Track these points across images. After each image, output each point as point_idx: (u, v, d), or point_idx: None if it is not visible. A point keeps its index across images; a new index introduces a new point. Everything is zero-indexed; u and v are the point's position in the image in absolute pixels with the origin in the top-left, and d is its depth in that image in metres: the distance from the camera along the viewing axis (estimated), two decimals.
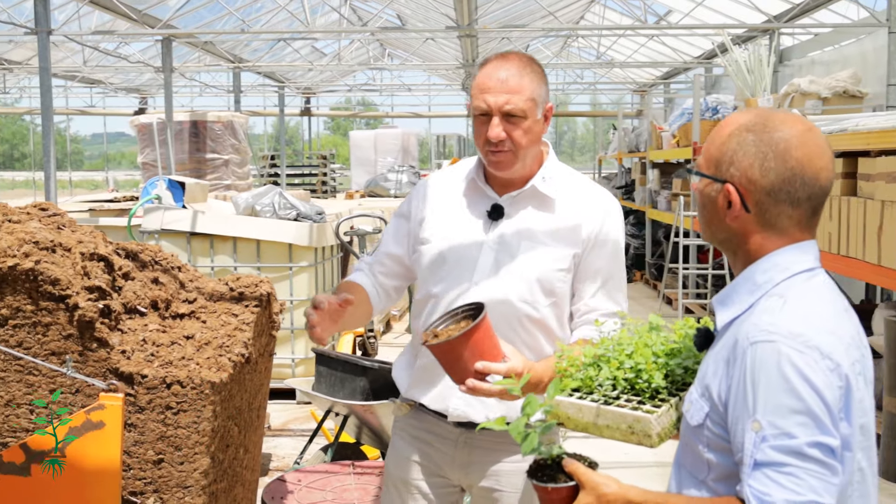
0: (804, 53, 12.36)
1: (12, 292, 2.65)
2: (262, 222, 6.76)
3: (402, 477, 2.50)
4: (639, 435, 1.57)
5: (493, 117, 2.23)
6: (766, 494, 1.37)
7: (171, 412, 2.72)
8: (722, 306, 1.58)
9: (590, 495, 1.51)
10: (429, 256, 2.39)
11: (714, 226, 1.60)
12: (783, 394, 1.39)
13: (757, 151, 1.52)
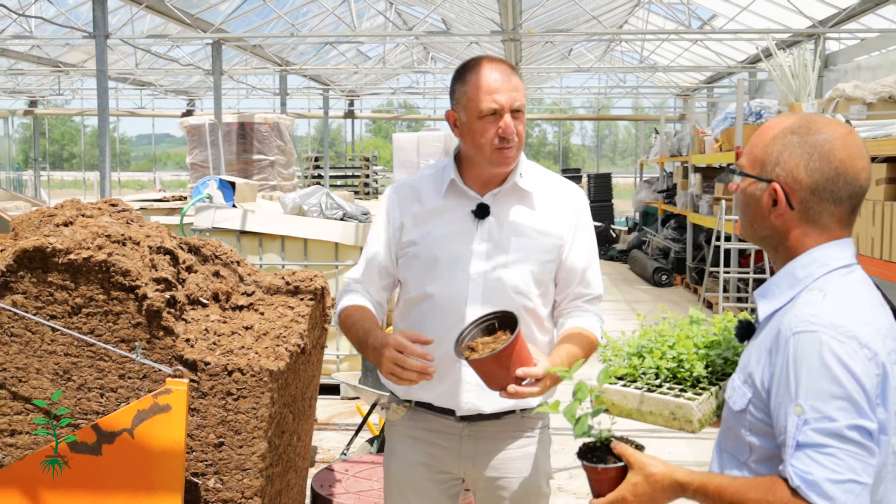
0: (850, 58, 12.28)
1: (86, 282, 2.82)
2: (309, 222, 6.93)
3: (407, 479, 2.56)
4: (680, 420, 1.67)
5: (504, 115, 2.32)
6: (808, 473, 1.47)
7: (231, 398, 2.87)
8: (763, 299, 1.68)
9: (638, 475, 1.62)
10: (421, 258, 2.47)
11: (757, 223, 1.70)
12: (824, 380, 1.49)
13: (802, 152, 1.62)
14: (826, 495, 1.45)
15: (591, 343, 2.40)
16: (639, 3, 13.97)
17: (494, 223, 2.45)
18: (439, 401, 2.49)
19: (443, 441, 2.51)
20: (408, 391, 2.53)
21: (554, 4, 12.05)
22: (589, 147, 45.70)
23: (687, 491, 1.60)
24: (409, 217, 2.51)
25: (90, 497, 2.76)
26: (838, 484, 1.45)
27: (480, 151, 2.39)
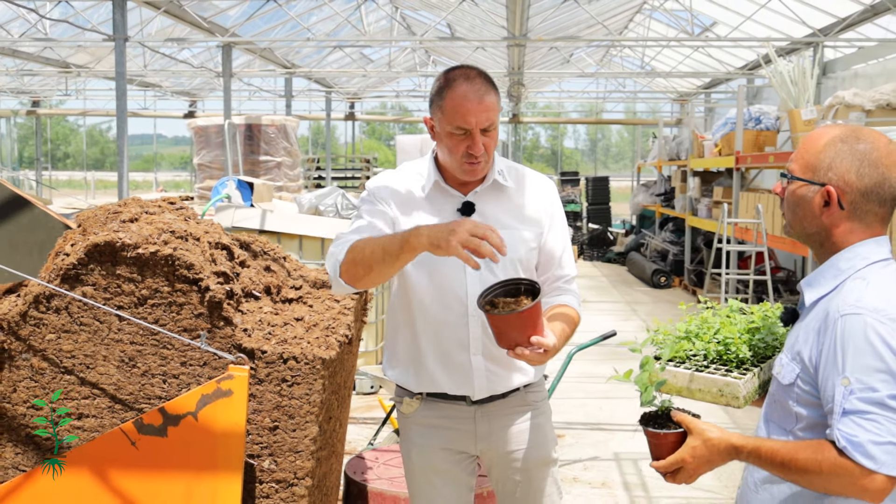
0: (848, 66, 12.53)
1: (152, 275, 3.01)
2: (326, 221, 7.12)
3: (429, 465, 2.76)
4: (727, 397, 1.89)
5: (474, 135, 2.48)
6: (854, 436, 1.68)
7: (286, 384, 3.07)
8: (809, 287, 1.90)
9: (697, 439, 1.83)
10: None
11: (807, 221, 1.91)
12: (868, 356, 1.71)
13: (853, 159, 1.84)
14: (869, 455, 1.66)
15: (575, 320, 2.62)
16: (640, 9, 14.19)
17: (479, 219, 2.62)
18: (453, 389, 2.67)
19: (458, 425, 2.72)
20: (421, 383, 2.71)
21: (558, 10, 12.27)
22: (582, 150, 45.91)
23: (741, 453, 1.81)
24: (401, 213, 2.66)
25: (156, 476, 2.95)
26: (879, 445, 1.67)
27: (451, 161, 2.57)
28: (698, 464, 1.84)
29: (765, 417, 1.95)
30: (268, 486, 3.10)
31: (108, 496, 2.96)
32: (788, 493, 1.86)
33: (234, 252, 3.28)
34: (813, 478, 1.72)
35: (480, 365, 2.63)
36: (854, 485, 1.68)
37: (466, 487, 2.80)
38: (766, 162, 9.98)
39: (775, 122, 11.29)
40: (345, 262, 2.51)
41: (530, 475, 2.76)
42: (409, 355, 2.77)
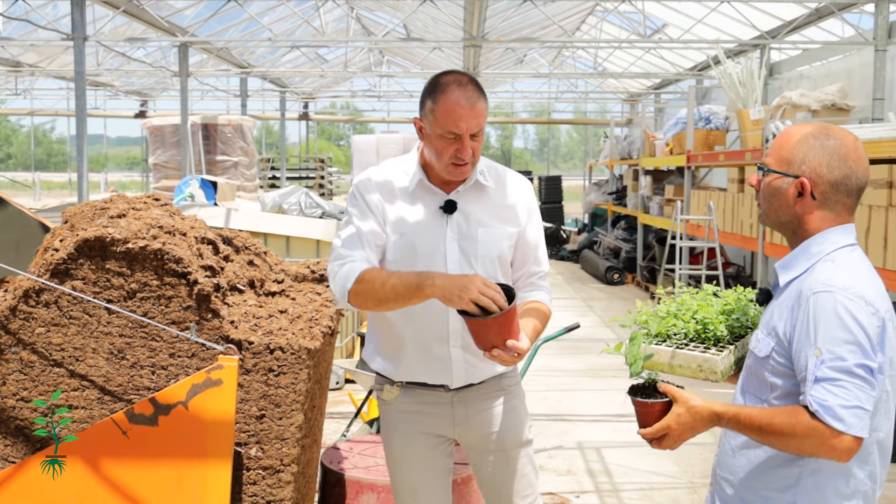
0: (793, 68, 12.93)
1: (141, 269, 3.10)
2: (291, 219, 7.21)
3: (409, 449, 2.89)
4: (706, 372, 2.06)
5: (464, 139, 2.62)
6: (825, 401, 1.86)
7: (272, 374, 3.17)
8: (784, 270, 2.08)
9: (681, 407, 2.00)
10: (401, 249, 2.76)
11: (782, 211, 2.09)
12: (838, 329, 1.88)
13: (824, 154, 2.02)
14: (838, 418, 1.84)
15: (546, 315, 2.77)
16: (592, 11, 14.45)
17: (461, 217, 2.77)
18: (432, 379, 2.81)
19: (436, 410, 2.85)
20: (402, 373, 2.84)
21: (513, 11, 12.46)
22: (532, 150, 46.29)
23: (722, 420, 1.98)
24: (388, 209, 2.78)
25: (147, 464, 3.04)
26: (848, 409, 1.85)
27: (439, 162, 2.70)
28: (682, 430, 2.01)
29: (741, 389, 2.12)
30: (255, 472, 3.20)
31: (100, 485, 3.04)
32: (764, 457, 2.03)
33: (218, 247, 3.37)
34: (788, 440, 1.89)
35: (459, 356, 2.78)
36: (824, 445, 1.85)
37: (445, 470, 2.94)
38: (717, 160, 10.27)
39: (724, 122, 11.61)
40: (353, 291, 2.63)
41: (507, 456, 2.90)
42: (390, 347, 2.89)
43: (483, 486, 2.99)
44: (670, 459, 5.66)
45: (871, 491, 2.02)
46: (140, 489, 3.05)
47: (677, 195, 12.48)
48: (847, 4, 10.20)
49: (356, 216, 2.79)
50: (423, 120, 2.72)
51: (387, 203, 2.79)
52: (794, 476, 2.00)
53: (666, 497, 5.04)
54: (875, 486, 2.03)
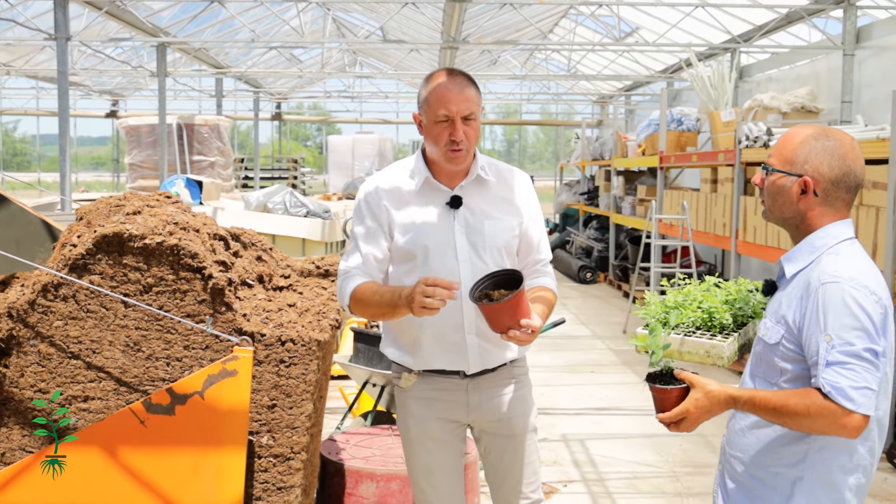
0: (762, 71, 13.22)
1: (157, 264, 3.20)
2: (278, 218, 7.31)
3: (426, 433, 3.03)
4: (713, 357, 2.22)
5: (455, 122, 2.80)
6: (836, 383, 2.02)
7: (283, 365, 3.29)
8: (789, 262, 2.24)
9: (699, 392, 2.15)
10: (414, 246, 2.91)
11: (785, 207, 2.25)
12: (846, 316, 2.05)
13: (825, 154, 2.19)
14: (849, 398, 2.01)
15: (552, 301, 2.94)
16: (566, 14, 14.65)
17: (467, 211, 2.93)
18: (450, 365, 2.96)
19: (452, 397, 3.00)
20: (420, 362, 2.99)
21: (490, 14, 12.63)
22: (499, 151, 46.55)
23: (738, 402, 2.14)
24: (393, 210, 2.94)
25: (164, 452, 3.15)
26: (857, 390, 2.02)
27: (437, 150, 2.86)
28: (700, 413, 2.16)
29: (750, 374, 2.29)
30: (266, 460, 3.32)
31: (118, 472, 3.14)
32: (773, 436, 2.20)
33: (229, 243, 3.49)
34: (802, 420, 2.06)
35: (474, 343, 2.93)
36: (836, 423, 2.02)
37: (459, 453, 3.09)
38: (689, 161, 10.50)
39: (696, 124, 11.86)
40: (350, 306, 2.90)
41: (517, 442, 3.06)
42: (408, 337, 3.02)
43: (490, 471, 3.13)
44: (652, 450, 5.85)
45: (870, 465, 2.20)
46: (157, 476, 3.15)
47: (650, 195, 12.71)
48: (816, 10, 10.49)
49: (359, 228, 2.97)
50: (420, 112, 2.89)
51: (395, 208, 2.93)
52: (801, 452, 2.16)
53: (649, 485, 5.22)
54: (873, 461, 2.20)
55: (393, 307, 2.74)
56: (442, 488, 3.04)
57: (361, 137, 16.36)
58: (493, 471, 3.12)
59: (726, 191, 9.08)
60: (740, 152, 8.39)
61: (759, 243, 7.94)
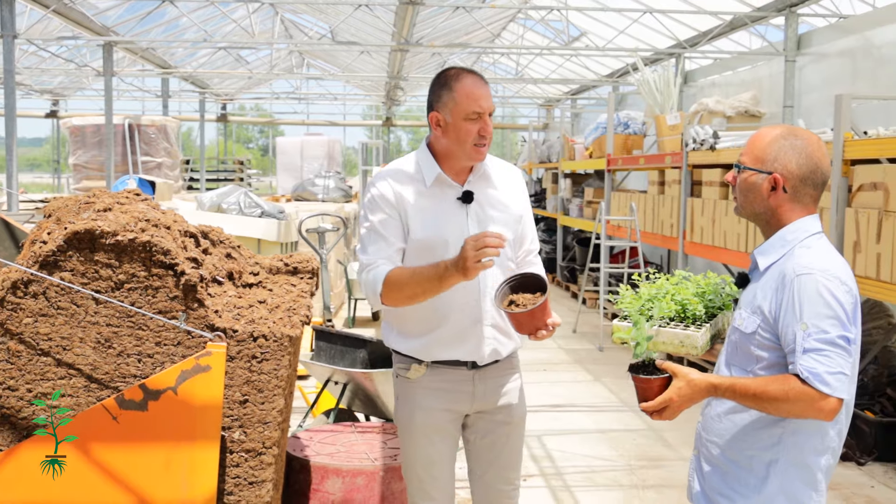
0: (705, 76, 13.53)
1: (129, 261, 3.21)
2: (233, 219, 7.29)
3: (431, 424, 3.11)
4: (687, 347, 2.33)
5: (484, 117, 2.91)
6: (814, 369, 2.14)
7: (255, 361, 3.32)
8: (762, 256, 2.36)
9: (682, 380, 2.25)
10: (436, 240, 2.99)
11: (756, 203, 2.36)
12: (820, 306, 2.17)
13: (793, 152, 2.31)
14: (825, 382, 2.13)
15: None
16: (514, 18, 14.82)
17: (478, 206, 3.03)
18: (464, 356, 3.05)
19: (459, 387, 3.09)
20: (432, 353, 3.06)
21: (440, 16, 12.72)
22: None
23: (719, 389, 2.24)
24: (410, 206, 3.01)
25: (136, 448, 3.16)
26: (833, 375, 2.13)
27: (462, 147, 2.94)
28: (682, 401, 2.25)
29: (726, 362, 2.39)
30: (237, 455, 3.34)
31: (90, 469, 3.14)
32: (749, 420, 2.30)
33: (199, 240, 3.50)
34: (781, 404, 2.16)
35: (490, 334, 3.03)
36: (813, 407, 2.13)
37: (456, 441, 3.19)
38: (637, 164, 10.71)
39: (642, 127, 12.10)
40: (384, 293, 2.89)
41: (511, 428, 3.18)
42: (424, 329, 3.07)
43: (479, 455, 3.21)
44: (607, 444, 5.98)
45: (838, 447, 2.32)
46: (130, 473, 3.15)
47: (597, 197, 12.92)
48: (759, 17, 10.78)
49: (376, 220, 3.00)
50: (440, 112, 2.94)
51: (410, 202, 3.00)
52: (776, 436, 2.27)
53: (606, 478, 5.34)
54: (840, 443, 2.33)
55: (439, 280, 2.77)
56: (441, 478, 3.13)
57: (310, 139, 16.33)
58: (481, 455, 3.20)
59: (674, 192, 9.29)
60: (687, 155, 8.60)
61: (706, 243, 8.15)
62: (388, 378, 4.74)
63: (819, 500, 2.30)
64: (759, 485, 2.29)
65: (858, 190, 5.66)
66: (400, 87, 17.93)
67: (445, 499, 3.18)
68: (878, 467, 5.68)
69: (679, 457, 5.77)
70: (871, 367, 6.21)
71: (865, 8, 9.76)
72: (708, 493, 2.39)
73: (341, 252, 11.51)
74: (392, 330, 3.19)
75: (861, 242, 5.54)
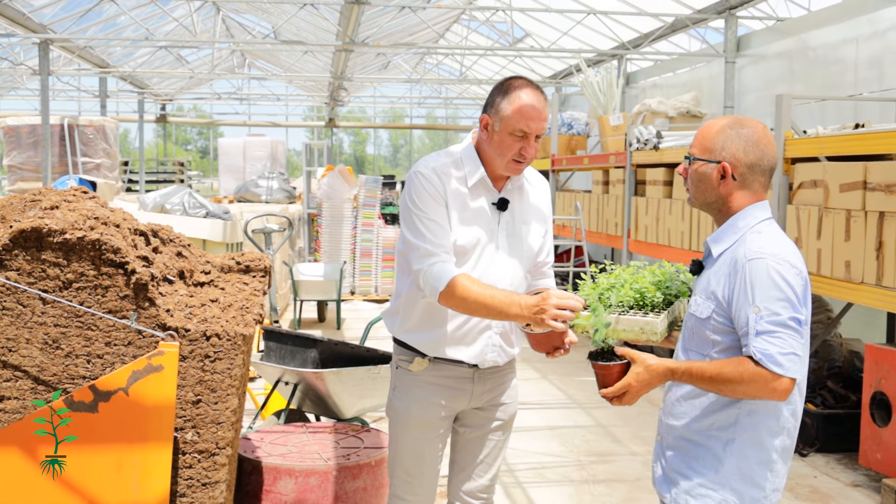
0: (646, 77, 13.74)
1: (78, 259, 3.14)
2: (177, 219, 7.18)
3: (427, 417, 3.12)
4: (647, 333, 2.36)
5: (530, 139, 2.89)
6: (766, 350, 2.19)
7: (208, 360, 3.28)
8: (715, 243, 2.41)
9: (640, 366, 2.30)
10: (467, 240, 2.98)
11: (707, 192, 2.41)
12: (771, 289, 2.22)
13: (740, 141, 2.36)
14: (778, 363, 2.18)
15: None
16: (457, 18, 14.86)
17: (509, 215, 3.04)
18: (470, 359, 3.05)
19: (459, 385, 3.10)
20: (437, 350, 3.06)
21: (384, 16, 12.70)
22: (385, 156, 46.70)
23: (676, 374, 2.29)
24: (452, 202, 2.97)
25: (87, 450, 3.09)
26: (785, 355, 2.19)
27: (501, 158, 2.93)
28: (641, 386, 2.30)
29: (683, 347, 2.44)
30: (190, 456, 3.29)
31: (38, 473, 3.06)
32: (707, 403, 2.35)
33: (149, 238, 3.44)
34: (735, 386, 2.22)
35: (497, 342, 3.05)
36: (767, 387, 2.19)
37: (445, 441, 3.21)
38: (581, 164, 10.82)
39: (585, 128, 12.22)
40: (445, 293, 2.81)
41: (504, 426, 3.22)
42: (431, 325, 3.06)
43: (463, 451, 3.23)
44: (557, 441, 6.03)
45: (794, 427, 2.38)
46: (79, 475, 3.09)
47: None
48: (700, 19, 10.98)
49: (426, 207, 2.92)
50: (492, 117, 2.91)
51: (451, 196, 2.96)
52: (732, 417, 2.33)
53: (557, 474, 5.38)
54: (796, 423, 2.39)
55: (506, 314, 2.73)
56: (428, 474, 3.14)
57: (253, 140, 16.17)
58: (466, 451, 3.22)
59: (618, 192, 9.41)
60: (631, 154, 8.72)
61: (650, 241, 8.27)
62: (340, 378, 4.72)
63: (774, 480, 2.35)
64: (716, 464, 2.34)
65: (799, 187, 5.80)
66: (344, 87, 17.85)
67: (428, 496, 3.19)
68: (819, 458, 5.82)
69: (628, 451, 5.84)
70: (811, 360, 6.36)
71: (801, 11, 10.01)
72: (668, 474, 2.44)
73: (286, 253, 11.41)
74: (398, 320, 3.17)
75: (802, 238, 5.68)
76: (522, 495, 5.04)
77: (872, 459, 5.26)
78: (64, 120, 12.78)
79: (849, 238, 5.24)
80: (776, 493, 2.36)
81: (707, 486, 2.34)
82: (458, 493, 3.24)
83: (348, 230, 12.27)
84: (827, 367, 6.44)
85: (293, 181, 16.33)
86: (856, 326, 7.59)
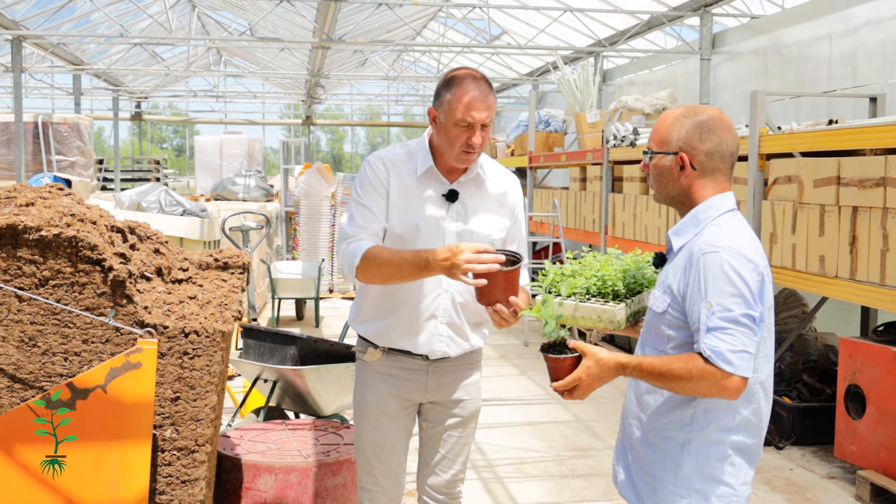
0: (623, 75, 13.80)
1: (54, 256, 3.12)
2: (153, 217, 7.14)
3: (381, 407, 3.13)
4: (605, 321, 2.35)
5: (475, 128, 2.88)
6: (716, 347, 2.15)
7: (187, 357, 3.26)
8: (676, 236, 2.36)
9: (590, 360, 2.23)
10: (406, 228, 3.01)
11: (669, 186, 2.37)
12: (725, 284, 2.17)
13: (695, 128, 2.32)
14: (728, 361, 2.14)
15: (528, 295, 3.02)
16: (434, 16, 14.86)
17: (461, 206, 3.03)
18: (416, 349, 3.05)
19: (412, 376, 3.10)
20: (387, 340, 3.07)
21: (361, 13, 12.67)
22: (362, 154, 46.66)
23: (626, 369, 2.24)
24: (395, 191, 3.01)
25: (65, 448, 3.07)
26: (735, 353, 2.14)
27: (450, 150, 2.93)
28: (591, 380, 2.24)
29: (641, 342, 2.41)
30: (169, 454, 3.28)
31: (15, 471, 3.04)
32: (662, 400, 2.32)
33: (126, 235, 3.42)
34: (685, 383, 2.17)
35: (444, 332, 3.04)
36: (717, 385, 2.15)
37: (408, 430, 3.19)
38: (559, 161, 10.85)
39: (563, 125, 12.26)
40: (361, 266, 2.87)
41: (465, 422, 3.21)
42: (379, 315, 3.09)
43: (426, 446, 3.24)
44: (536, 437, 6.05)
45: (757, 427, 2.33)
46: (58, 473, 3.07)
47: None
48: (675, 17, 11.04)
49: (364, 194, 3.00)
50: (437, 110, 2.94)
51: (395, 183, 3.00)
52: (688, 416, 2.29)
53: (537, 469, 5.41)
54: (760, 423, 2.34)
55: (420, 269, 2.75)
56: (388, 464, 3.15)
57: (230, 138, 16.09)
58: (430, 446, 3.23)
59: (595, 189, 9.45)
60: (608, 151, 8.76)
61: (628, 237, 8.31)
62: (319, 375, 4.71)
63: (738, 475, 2.30)
64: (675, 467, 2.29)
65: (774, 183, 5.85)
66: (321, 85, 17.79)
67: (392, 486, 3.19)
68: (795, 451, 5.89)
69: (606, 446, 5.87)
70: (787, 354, 6.42)
71: (775, 9, 10.09)
72: (633, 480, 2.41)
73: (264, 251, 11.37)
74: (354, 311, 3.21)
75: (777, 234, 5.73)
76: (502, 490, 5.05)
77: (847, 451, 5.32)
78: (38, 117, 12.64)
79: (823, 233, 5.29)
80: (745, 487, 2.32)
81: (671, 492, 2.30)
82: (424, 487, 3.27)
83: (326, 228, 12.25)
84: (802, 361, 6.50)
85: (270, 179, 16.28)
86: (830, 321, 7.67)
